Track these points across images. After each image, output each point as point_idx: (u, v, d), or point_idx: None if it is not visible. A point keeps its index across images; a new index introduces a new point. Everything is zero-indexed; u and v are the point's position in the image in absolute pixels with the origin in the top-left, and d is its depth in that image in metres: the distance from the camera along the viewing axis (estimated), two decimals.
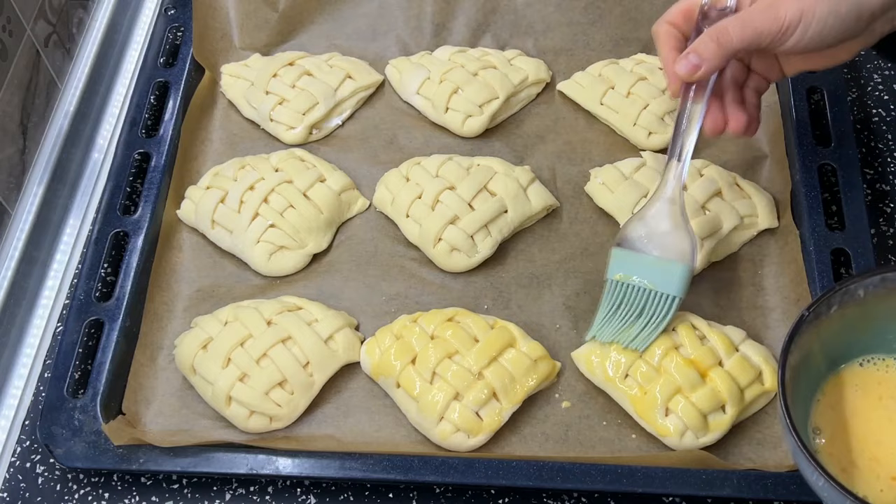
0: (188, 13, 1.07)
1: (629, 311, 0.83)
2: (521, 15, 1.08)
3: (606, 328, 0.83)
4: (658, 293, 0.82)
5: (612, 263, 0.84)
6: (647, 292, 0.82)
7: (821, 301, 0.69)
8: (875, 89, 1.04)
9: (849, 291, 0.70)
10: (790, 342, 0.68)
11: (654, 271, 0.83)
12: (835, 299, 0.70)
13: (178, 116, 1.00)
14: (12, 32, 0.95)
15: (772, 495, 0.76)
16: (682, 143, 0.83)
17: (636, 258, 0.83)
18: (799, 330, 0.68)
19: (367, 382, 0.86)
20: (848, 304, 0.71)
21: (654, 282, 0.82)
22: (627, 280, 0.83)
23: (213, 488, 0.83)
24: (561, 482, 0.78)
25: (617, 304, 0.83)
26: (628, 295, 0.83)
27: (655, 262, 0.83)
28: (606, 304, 0.84)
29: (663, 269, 0.82)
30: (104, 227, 0.93)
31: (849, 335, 0.72)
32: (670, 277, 0.82)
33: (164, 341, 0.89)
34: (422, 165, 0.95)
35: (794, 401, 0.68)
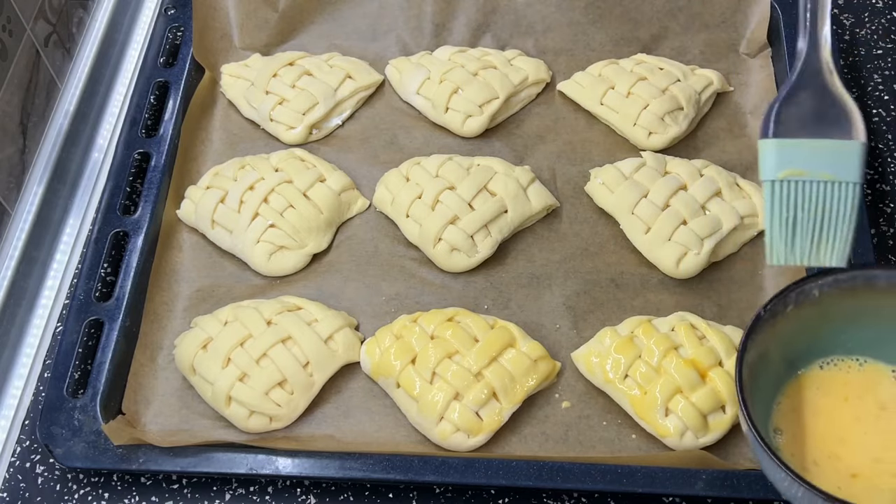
0: (188, 13, 1.07)
1: (807, 217, 0.67)
2: (522, 15, 1.08)
3: (790, 246, 0.68)
4: (835, 184, 0.66)
5: (769, 159, 0.67)
6: (821, 187, 0.66)
7: (777, 300, 0.69)
8: (875, 89, 1.05)
9: (804, 291, 0.70)
10: (747, 339, 0.67)
11: (824, 157, 0.66)
12: (790, 298, 0.70)
13: (178, 116, 1.00)
14: (12, 32, 0.95)
15: (772, 495, 0.76)
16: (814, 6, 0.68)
17: (796, 147, 0.66)
18: (756, 328, 0.68)
19: (367, 382, 0.86)
20: (804, 303, 0.70)
21: (830, 170, 0.66)
22: (796, 175, 0.66)
23: (212, 488, 0.83)
24: (561, 482, 0.78)
25: (785, 211, 0.67)
26: (798, 196, 0.67)
27: (822, 146, 0.66)
28: (774, 214, 0.67)
29: (834, 151, 0.66)
30: (104, 226, 0.93)
31: (806, 335, 0.72)
32: (844, 160, 0.66)
33: (163, 341, 0.89)
34: (422, 165, 0.95)
35: (755, 401, 0.68)
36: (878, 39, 1.09)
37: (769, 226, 0.68)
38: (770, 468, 0.65)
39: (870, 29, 1.09)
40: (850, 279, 0.71)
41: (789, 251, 0.68)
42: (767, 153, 0.67)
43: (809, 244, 0.68)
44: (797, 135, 0.66)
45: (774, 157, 0.67)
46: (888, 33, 1.09)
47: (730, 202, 0.92)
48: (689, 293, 0.90)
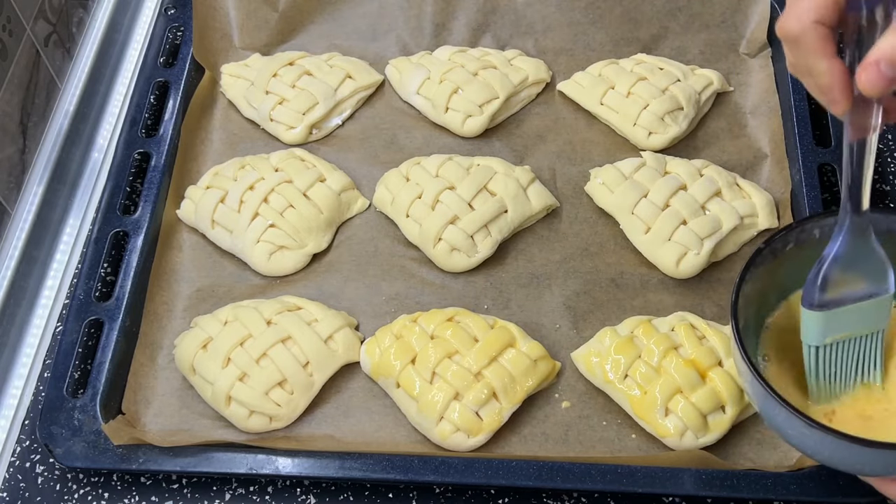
0: (188, 13, 1.07)
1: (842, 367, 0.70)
2: (522, 15, 1.08)
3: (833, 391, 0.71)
4: (868, 335, 0.70)
5: (815, 328, 0.69)
6: (858, 339, 0.69)
7: (778, 237, 0.70)
8: None
9: (805, 230, 0.71)
10: (746, 271, 0.69)
11: (859, 317, 0.69)
12: (791, 237, 0.71)
13: (178, 116, 1.00)
14: (12, 32, 0.95)
15: (772, 495, 0.76)
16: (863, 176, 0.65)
17: (838, 315, 0.68)
18: (755, 262, 0.69)
19: (367, 382, 0.86)
20: (805, 243, 0.71)
21: (866, 326, 0.69)
22: (836, 339, 0.69)
23: (212, 488, 0.83)
24: (561, 482, 0.78)
25: (829, 366, 0.70)
26: (841, 352, 0.70)
27: (860, 308, 0.68)
28: (820, 372, 0.70)
29: (869, 310, 0.69)
30: (104, 226, 0.93)
31: (803, 275, 0.71)
32: (877, 314, 0.69)
33: (163, 341, 0.89)
34: (422, 165, 0.95)
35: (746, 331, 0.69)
36: None
37: (811, 380, 0.70)
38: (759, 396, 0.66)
39: None
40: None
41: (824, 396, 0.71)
42: (813, 323, 0.68)
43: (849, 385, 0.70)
44: (839, 295, 0.67)
45: (821, 327, 0.68)
46: None
47: (730, 202, 0.92)
48: (689, 293, 0.90)
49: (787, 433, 0.66)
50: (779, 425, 0.66)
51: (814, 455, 0.66)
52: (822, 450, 0.64)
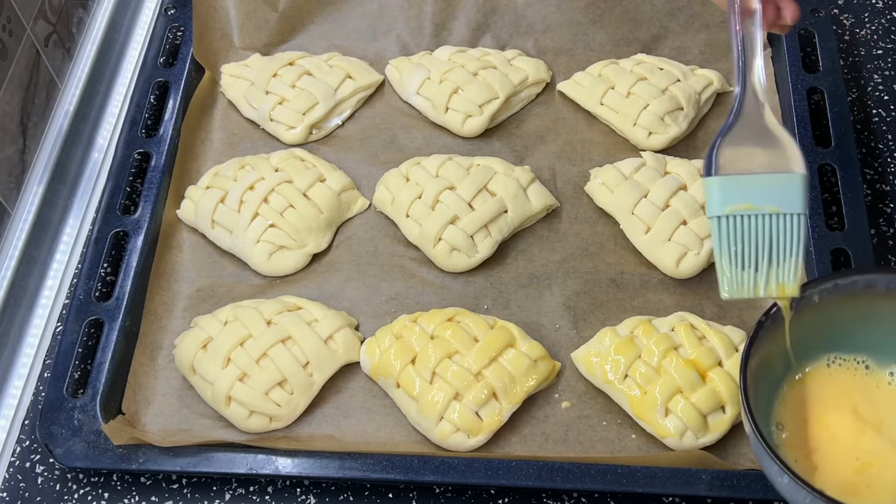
0: (188, 13, 1.07)
1: (754, 250, 0.69)
2: (521, 15, 1.08)
3: (741, 279, 0.69)
4: (780, 216, 0.68)
5: (714, 196, 0.69)
6: (769, 219, 0.68)
7: (778, 306, 0.70)
8: (875, 89, 1.05)
9: (804, 297, 0.71)
10: (751, 346, 0.68)
11: (766, 191, 0.68)
12: (791, 305, 0.70)
13: (178, 116, 1.00)
14: (12, 32, 0.95)
15: (771, 495, 0.76)
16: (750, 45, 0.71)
17: (740, 182, 0.68)
18: (758, 335, 0.69)
19: (367, 382, 0.86)
20: (804, 309, 0.71)
21: (773, 203, 0.68)
22: (741, 210, 0.68)
23: (212, 488, 0.83)
24: (561, 482, 0.78)
25: (732, 246, 0.69)
26: (746, 228, 0.69)
27: (765, 181, 0.68)
28: (723, 249, 0.69)
29: (776, 185, 0.68)
30: (104, 226, 0.93)
31: (807, 339, 0.72)
32: (787, 192, 0.68)
33: (163, 341, 0.89)
34: (422, 165, 0.95)
35: (757, 401, 0.69)
36: (878, 40, 1.09)
37: (719, 261, 0.70)
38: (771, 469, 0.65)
39: (870, 29, 1.09)
40: (850, 284, 0.71)
41: (741, 284, 0.69)
42: (712, 190, 0.69)
43: (760, 276, 0.69)
44: (739, 171, 0.69)
45: (719, 194, 0.69)
46: (888, 33, 1.09)
47: None
48: (689, 293, 0.90)
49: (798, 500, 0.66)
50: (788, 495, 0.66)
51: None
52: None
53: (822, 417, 0.72)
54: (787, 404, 0.73)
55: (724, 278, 0.70)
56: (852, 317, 0.73)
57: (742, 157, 0.69)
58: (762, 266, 0.69)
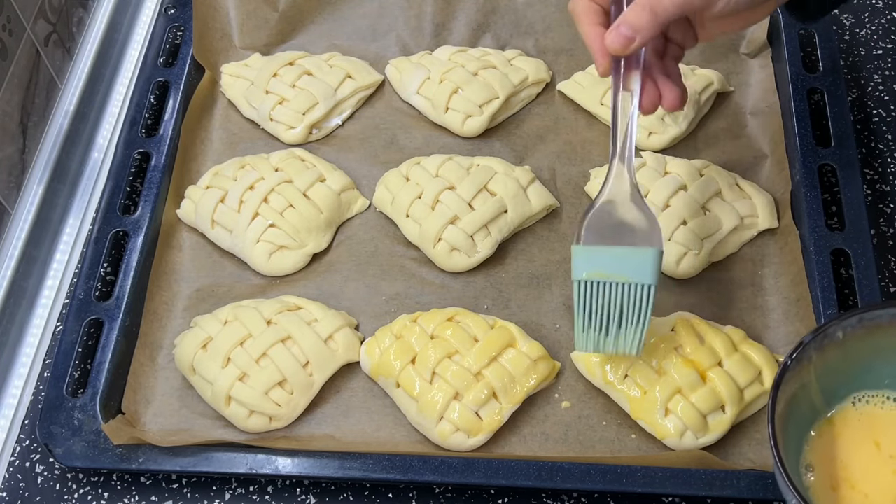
0: (188, 13, 1.07)
1: (606, 313, 0.77)
2: (522, 15, 1.08)
3: (590, 338, 0.78)
4: (632, 284, 0.76)
5: (577, 262, 0.77)
6: (618, 287, 0.76)
7: (801, 347, 0.70)
8: (875, 90, 1.05)
9: (828, 335, 0.71)
10: (777, 391, 0.68)
11: (622, 262, 0.76)
12: (815, 343, 0.70)
13: (178, 116, 1.00)
14: (12, 32, 0.95)
15: (772, 495, 0.76)
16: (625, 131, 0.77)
17: (600, 253, 0.76)
18: (783, 378, 0.69)
19: (367, 382, 0.86)
20: (828, 346, 0.71)
21: (625, 273, 0.76)
22: (596, 277, 0.76)
23: (212, 488, 0.83)
24: (561, 482, 0.78)
25: (589, 307, 0.77)
26: (601, 293, 0.76)
27: (621, 253, 0.76)
28: (580, 310, 0.77)
29: (630, 257, 0.76)
30: (104, 226, 0.93)
31: (834, 376, 0.72)
32: (640, 265, 0.76)
33: (163, 341, 0.89)
34: (422, 165, 0.95)
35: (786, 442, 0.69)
36: (878, 40, 1.09)
37: (577, 319, 0.78)
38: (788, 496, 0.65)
39: (870, 29, 1.09)
40: (874, 318, 0.71)
41: (592, 341, 0.78)
42: (575, 257, 0.77)
43: (610, 336, 0.77)
44: (604, 242, 0.76)
45: (581, 261, 0.76)
46: (888, 34, 1.09)
47: (730, 202, 0.92)
48: (689, 293, 0.90)
49: None
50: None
51: None
52: None
53: (853, 457, 0.71)
54: (816, 447, 0.72)
55: (578, 336, 0.78)
56: (877, 352, 0.73)
57: (608, 229, 0.77)
58: (612, 328, 0.77)
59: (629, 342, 0.77)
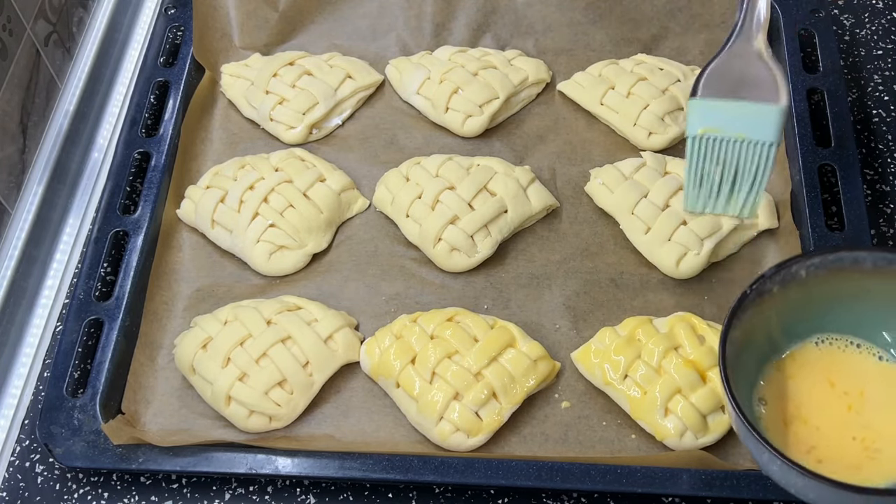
0: (188, 13, 1.07)
1: (722, 171, 0.72)
2: (522, 15, 1.08)
3: (701, 196, 0.74)
4: (751, 142, 0.71)
5: (692, 117, 0.73)
6: (738, 144, 0.71)
7: (763, 280, 0.70)
8: (875, 90, 1.05)
9: (791, 272, 0.71)
10: (732, 317, 0.68)
11: (742, 118, 0.71)
12: (776, 278, 0.70)
13: (178, 116, 1.00)
14: (12, 31, 0.95)
15: (771, 495, 0.76)
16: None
17: (719, 106, 0.72)
18: (741, 306, 0.69)
19: (367, 382, 0.86)
20: (790, 283, 0.71)
21: (744, 130, 0.71)
22: (713, 133, 0.72)
23: (212, 488, 0.83)
24: (560, 482, 0.78)
25: (704, 163, 0.72)
26: (717, 150, 0.72)
27: (742, 108, 0.72)
28: (693, 166, 0.73)
29: (753, 113, 0.71)
30: (104, 226, 0.93)
31: (793, 315, 0.72)
32: (763, 122, 0.71)
33: (163, 341, 0.89)
34: (422, 165, 0.95)
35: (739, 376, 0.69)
36: (878, 40, 1.09)
37: (687, 178, 0.74)
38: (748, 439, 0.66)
39: (870, 30, 1.09)
40: (836, 260, 0.71)
41: (703, 201, 0.74)
42: (691, 111, 0.73)
43: (722, 197, 0.73)
44: (724, 97, 0.72)
45: (697, 115, 0.72)
46: (888, 34, 1.09)
47: None
48: (689, 293, 0.90)
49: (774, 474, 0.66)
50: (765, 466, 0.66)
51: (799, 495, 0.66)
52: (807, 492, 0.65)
53: (807, 394, 0.72)
54: (772, 382, 0.73)
55: (689, 194, 0.74)
56: (838, 296, 0.73)
57: (728, 84, 0.72)
58: (724, 188, 0.73)
59: (741, 203, 0.73)
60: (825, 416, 0.71)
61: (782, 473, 0.64)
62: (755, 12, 0.75)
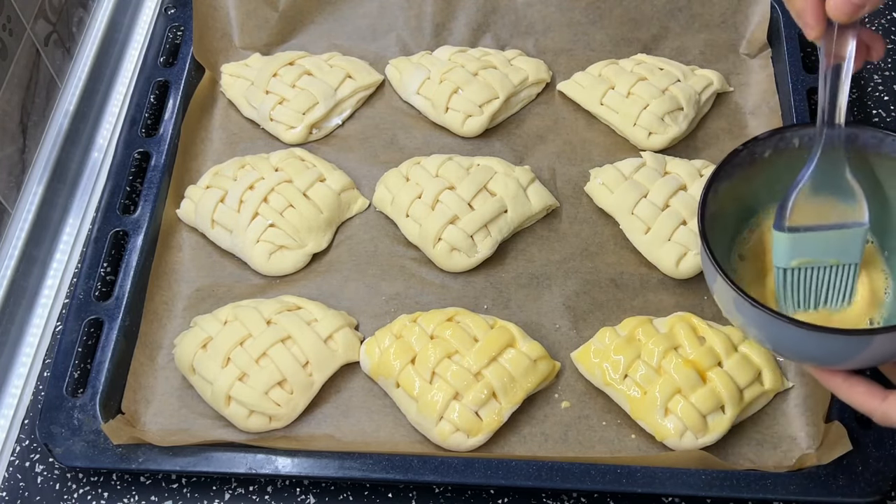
0: (188, 12, 1.07)
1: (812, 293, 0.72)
2: (522, 15, 1.08)
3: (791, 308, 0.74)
4: (839, 266, 0.71)
5: (782, 250, 0.71)
6: (828, 269, 0.71)
7: (756, 141, 0.70)
8: (875, 90, 1.05)
9: (784, 138, 0.71)
10: (720, 168, 0.68)
11: (831, 245, 0.70)
12: (770, 142, 0.70)
13: (177, 116, 1.00)
14: (12, 31, 0.95)
15: (771, 495, 0.76)
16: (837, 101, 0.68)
17: (808, 238, 0.70)
18: (731, 161, 0.69)
19: (367, 382, 0.86)
20: (783, 150, 0.71)
21: (835, 256, 0.70)
22: (804, 264, 0.71)
23: (212, 488, 0.83)
24: (560, 482, 0.78)
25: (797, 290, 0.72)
26: (807, 277, 0.71)
27: (832, 236, 0.70)
28: (787, 294, 0.72)
29: (843, 237, 0.70)
30: (104, 226, 0.93)
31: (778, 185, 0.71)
32: (850, 245, 0.70)
33: (163, 341, 0.89)
34: (422, 165, 0.95)
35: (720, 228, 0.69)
36: None
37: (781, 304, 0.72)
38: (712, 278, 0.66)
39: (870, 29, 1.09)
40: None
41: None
42: (780, 245, 0.71)
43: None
44: (809, 224, 0.70)
45: (787, 249, 0.70)
46: (888, 34, 1.09)
47: None
48: (689, 293, 0.90)
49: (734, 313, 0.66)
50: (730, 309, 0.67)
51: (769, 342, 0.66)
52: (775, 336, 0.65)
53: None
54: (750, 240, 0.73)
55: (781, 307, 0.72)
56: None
57: (816, 210, 0.70)
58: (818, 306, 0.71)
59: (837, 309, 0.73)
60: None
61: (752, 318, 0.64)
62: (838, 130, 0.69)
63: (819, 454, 0.78)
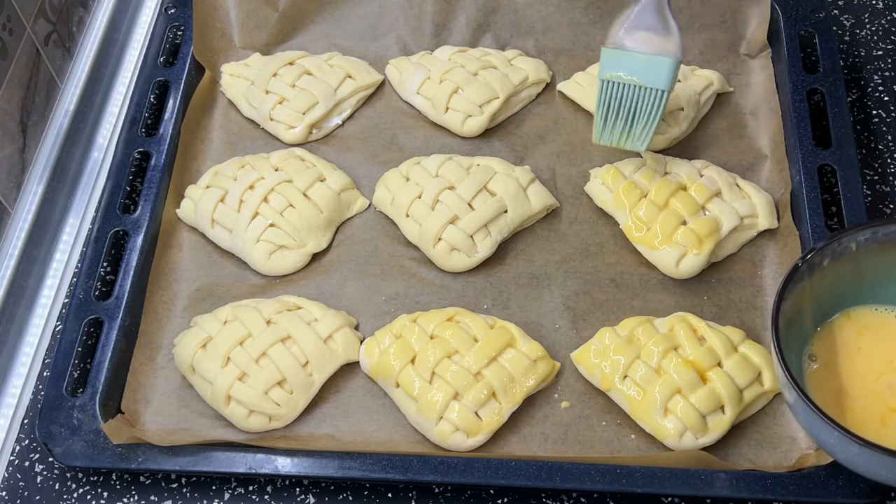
0: (188, 12, 1.07)
1: (623, 111, 0.88)
2: (522, 15, 1.08)
3: (605, 132, 0.90)
4: (647, 89, 0.87)
5: (602, 63, 0.88)
6: (636, 89, 0.87)
7: (814, 252, 0.72)
8: (875, 90, 1.05)
9: (841, 244, 0.73)
10: (784, 289, 0.71)
11: (641, 67, 0.87)
12: (827, 251, 0.73)
13: (178, 115, 1.00)
14: (12, 31, 0.95)
15: (771, 495, 0.76)
16: None
17: (624, 56, 0.87)
18: (792, 278, 0.71)
19: (367, 382, 0.86)
20: (841, 257, 0.74)
21: (642, 77, 0.87)
22: (617, 78, 0.87)
23: (212, 487, 0.82)
24: (560, 482, 0.78)
25: (609, 104, 0.88)
26: (619, 94, 0.88)
27: (642, 58, 0.87)
28: (600, 105, 0.89)
29: (650, 64, 0.86)
30: (104, 225, 0.93)
31: (841, 289, 0.75)
32: (657, 71, 0.86)
33: (163, 340, 0.89)
34: (422, 165, 0.95)
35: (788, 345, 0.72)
36: (878, 41, 1.09)
37: (596, 114, 0.90)
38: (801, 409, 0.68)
39: (870, 30, 1.09)
40: (887, 234, 0.74)
41: (606, 135, 0.90)
42: (603, 58, 0.88)
43: (621, 132, 0.90)
44: (631, 46, 0.87)
45: (607, 62, 0.88)
46: (888, 34, 1.09)
47: (730, 203, 0.92)
48: (689, 293, 0.90)
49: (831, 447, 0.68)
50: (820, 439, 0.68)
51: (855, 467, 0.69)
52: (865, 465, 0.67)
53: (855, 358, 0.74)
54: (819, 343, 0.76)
55: (596, 128, 0.91)
56: (889, 267, 0.75)
57: (636, 38, 0.87)
58: (625, 126, 0.89)
59: (637, 139, 0.89)
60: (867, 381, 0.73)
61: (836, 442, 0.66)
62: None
63: (819, 454, 0.78)
